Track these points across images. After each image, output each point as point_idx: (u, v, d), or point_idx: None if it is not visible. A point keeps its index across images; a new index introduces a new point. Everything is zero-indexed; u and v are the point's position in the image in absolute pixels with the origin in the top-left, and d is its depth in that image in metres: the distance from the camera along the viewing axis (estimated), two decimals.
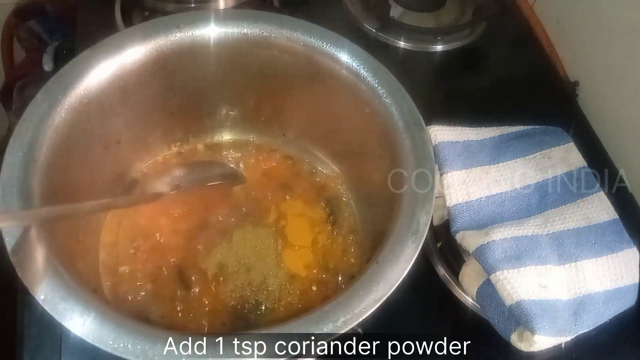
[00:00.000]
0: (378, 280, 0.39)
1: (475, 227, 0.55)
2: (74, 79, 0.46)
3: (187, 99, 0.56)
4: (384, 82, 0.50)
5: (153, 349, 0.35)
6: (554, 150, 0.60)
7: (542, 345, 0.49)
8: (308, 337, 0.36)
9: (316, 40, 0.51)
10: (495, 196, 0.57)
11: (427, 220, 0.42)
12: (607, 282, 0.52)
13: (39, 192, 0.41)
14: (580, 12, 0.77)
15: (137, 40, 0.49)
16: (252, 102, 0.59)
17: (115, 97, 0.49)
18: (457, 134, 0.60)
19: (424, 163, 0.46)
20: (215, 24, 0.51)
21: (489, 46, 0.82)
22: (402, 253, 0.40)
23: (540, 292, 0.50)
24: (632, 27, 0.67)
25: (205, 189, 0.57)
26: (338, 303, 0.38)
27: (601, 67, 0.74)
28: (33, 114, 0.44)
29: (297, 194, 0.58)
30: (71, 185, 0.47)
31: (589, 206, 0.56)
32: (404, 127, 0.48)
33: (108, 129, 0.51)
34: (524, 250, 0.52)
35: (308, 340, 0.36)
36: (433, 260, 0.59)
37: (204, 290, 0.51)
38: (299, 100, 0.57)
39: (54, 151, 0.43)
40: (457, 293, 0.57)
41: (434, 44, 0.80)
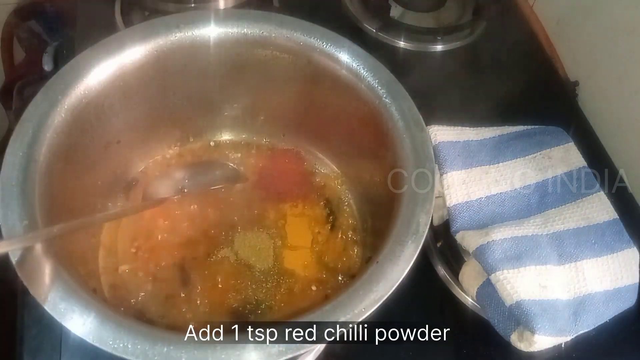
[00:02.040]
0: (378, 280, 0.39)
1: (475, 227, 0.55)
2: (74, 78, 0.46)
3: (187, 98, 0.56)
4: (384, 82, 0.50)
5: (153, 349, 0.35)
6: (554, 150, 0.60)
7: (542, 345, 0.49)
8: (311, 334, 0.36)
9: (316, 40, 0.51)
10: (495, 196, 0.57)
11: (427, 220, 0.42)
12: (607, 282, 0.52)
13: (39, 191, 0.41)
14: (580, 12, 0.77)
15: (137, 40, 0.49)
16: (252, 102, 0.59)
17: (115, 97, 0.49)
18: (457, 134, 0.60)
19: (424, 163, 0.46)
20: (215, 24, 0.51)
21: (489, 46, 0.82)
22: (402, 253, 0.40)
23: (540, 292, 0.50)
24: (632, 27, 0.67)
25: (208, 192, 0.57)
26: (338, 303, 0.38)
27: (601, 67, 0.74)
28: (33, 114, 0.43)
29: (297, 193, 0.58)
30: (71, 185, 0.47)
31: (589, 206, 0.56)
32: (404, 127, 0.47)
33: (108, 129, 0.51)
34: (524, 250, 0.52)
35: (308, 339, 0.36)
36: (433, 260, 0.59)
37: (204, 290, 0.51)
38: (298, 100, 0.57)
39: (54, 151, 0.43)
40: (457, 293, 0.57)
41: (434, 44, 0.80)
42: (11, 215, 0.39)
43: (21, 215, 0.39)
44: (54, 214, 0.42)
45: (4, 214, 0.39)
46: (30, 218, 0.39)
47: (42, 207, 0.41)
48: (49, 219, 0.41)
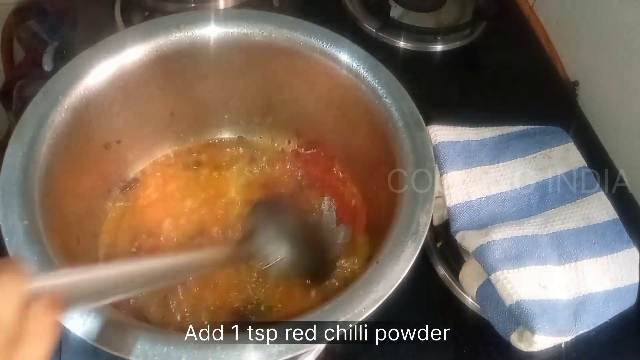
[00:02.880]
0: (378, 280, 0.39)
1: (475, 227, 0.55)
2: (74, 78, 0.46)
3: (187, 98, 0.56)
4: (384, 82, 0.50)
5: (153, 349, 0.35)
6: (554, 150, 0.60)
7: (542, 345, 0.49)
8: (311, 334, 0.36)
9: (316, 41, 0.51)
10: (495, 196, 0.57)
11: (427, 220, 0.42)
12: (607, 282, 0.52)
13: (39, 191, 0.41)
14: (580, 12, 0.77)
15: (137, 40, 0.49)
16: (252, 102, 0.59)
17: (116, 97, 0.49)
18: (457, 134, 0.60)
19: (424, 163, 0.46)
20: (215, 23, 0.51)
21: (489, 46, 0.82)
22: (402, 253, 0.40)
23: (540, 292, 0.50)
24: (632, 27, 0.67)
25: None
26: (338, 303, 0.38)
27: (601, 67, 0.74)
28: (33, 114, 0.44)
29: (297, 193, 0.58)
30: (71, 184, 0.47)
31: (589, 206, 0.56)
32: (404, 127, 0.47)
33: (108, 128, 0.51)
34: (524, 250, 0.52)
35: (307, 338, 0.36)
36: (433, 260, 0.59)
37: (204, 289, 0.51)
38: (298, 99, 0.57)
39: (54, 151, 0.43)
40: (457, 293, 0.57)
41: (434, 44, 0.80)
42: (11, 215, 0.39)
43: (21, 215, 0.39)
44: (54, 214, 0.42)
45: (4, 213, 0.39)
46: (30, 218, 0.39)
47: (42, 207, 0.41)
48: (49, 218, 0.41)
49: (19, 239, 0.38)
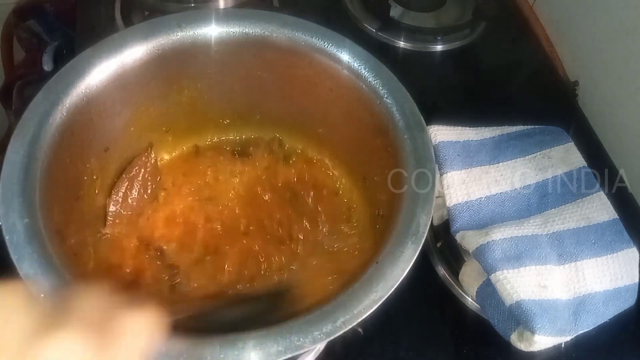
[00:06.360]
0: (378, 281, 0.39)
1: (475, 227, 0.55)
2: (75, 78, 0.46)
3: (188, 98, 0.56)
4: (385, 82, 0.50)
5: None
6: (554, 150, 0.61)
7: (542, 345, 0.49)
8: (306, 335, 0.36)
9: (317, 40, 0.51)
10: (495, 196, 0.57)
11: (428, 221, 0.42)
12: (607, 282, 0.52)
13: (40, 190, 0.41)
14: (580, 12, 0.77)
15: (138, 40, 0.49)
16: (253, 102, 0.59)
17: (116, 96, 0.49)
18: (457, 134, 0.60)
19: (424, 163, 0.45)
20: (216, 23, 0.51)
21: (489, 46, 0.82)
22: (402, 253, 0.40)
23: (540, 292, 0.50)
24: (632, 27, 0.67)
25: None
26: (337, 303, 0.38)
27: (601, 67, 0.74)
28: (34, 113, 0.43)
29: (297, 193, 0.58)
30: (72, 184, 0.47)
31: (589, 206, 0.56)
32: (404, 128, 0.47)
33: (109, 128, 0.51)
34: (524, 250, 0.52)
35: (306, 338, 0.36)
36: (433, 260, 0.59)
37: (203, 289, 0.51)
38: (299, 100, 0.57)
39: (55, 150, 0.43)
40: (457, 293, 0.57)
41: (434, 44, 0.80)
42: (12, 213, 0.39)
43: (22, 213, 0.39)
44: (55, 213, 0.42)
45: (5, 212, 0.39)
46: (30, 216, 0.39)
47: (42, 205, 0.40)
48: (49, 218, 0.41)
49: (19, 237, 0.38)
